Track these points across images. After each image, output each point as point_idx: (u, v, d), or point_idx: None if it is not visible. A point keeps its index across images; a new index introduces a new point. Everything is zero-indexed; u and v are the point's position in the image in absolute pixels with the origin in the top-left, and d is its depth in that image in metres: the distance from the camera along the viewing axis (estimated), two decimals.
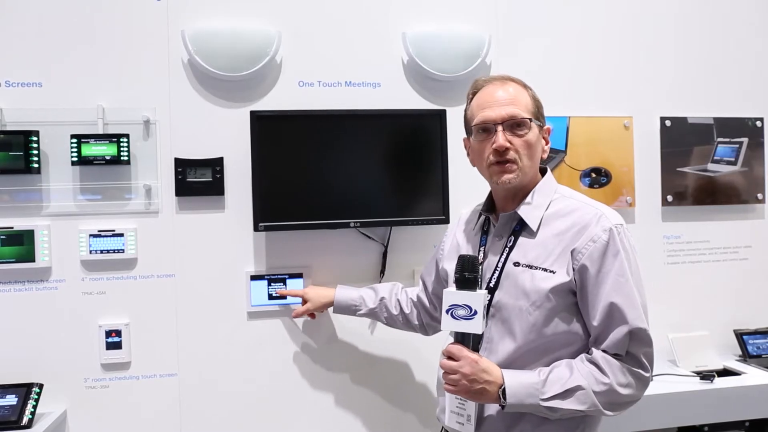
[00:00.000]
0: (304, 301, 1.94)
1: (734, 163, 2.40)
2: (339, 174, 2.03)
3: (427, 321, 1.78)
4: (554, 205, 1.36)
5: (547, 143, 1.41)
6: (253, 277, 2.05)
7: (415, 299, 1.79)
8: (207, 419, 2.03)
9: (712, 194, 2.38)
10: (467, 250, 1.46)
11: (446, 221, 2.07)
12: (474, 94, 1.42)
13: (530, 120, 1.34)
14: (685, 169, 2.36)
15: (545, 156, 1.41)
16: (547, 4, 2.26)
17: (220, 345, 2.04)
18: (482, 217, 1.47)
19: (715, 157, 2.39)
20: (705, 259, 2.39)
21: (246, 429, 2.05)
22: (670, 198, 2.35)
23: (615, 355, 1.26)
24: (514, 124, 1.33)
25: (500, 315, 1.33)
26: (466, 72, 2.12)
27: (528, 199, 1.36)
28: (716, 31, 2.40)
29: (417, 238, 2.15)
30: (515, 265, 1.33)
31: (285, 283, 2.06)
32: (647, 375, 1.27)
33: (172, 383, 2.01)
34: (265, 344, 2.06)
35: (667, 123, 2.35)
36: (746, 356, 2.32)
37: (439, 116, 2.08)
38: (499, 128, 1.32)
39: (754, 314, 2.42)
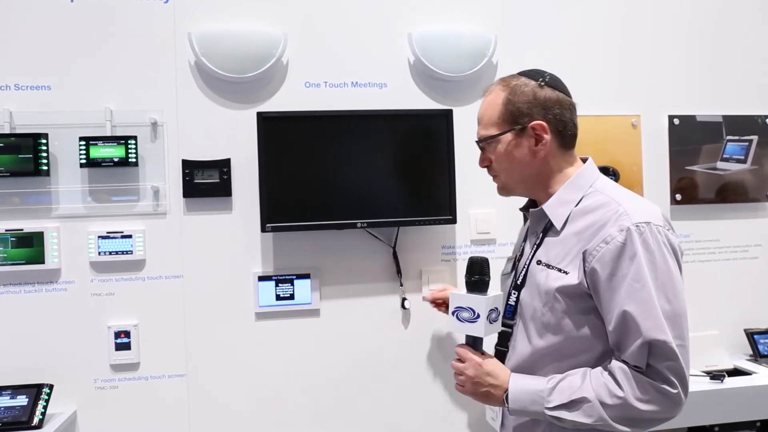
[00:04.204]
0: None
1: (744, 161, 2.37)
2: (346, 174, 2.03)
3: None
4: (585, 200, 1.26)
5: (539, 140, 1.28)
6: (261, 278, 2.06)
7: None
8: (215, 420, 2.04)
9: (722, 193, 2.36)
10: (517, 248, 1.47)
11: (453, 221, 2.06)
12: None
13: (486, 138, 1.32)
14: (694, 168, 2.34)
15: (541, 153, 1.28)
16: (553, 3, 2.25)
17: (228, 346, 2.04)
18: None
19: (725, 156, 2.37)
20: (715, 258, 2.37)
21: (254, 429, 2.06)
22: (678, 197, 2.33)
23: (636, 368, 1.15)
24: (484, 145, 1.36)
25: (522, 314, 1.30)
26: (472, 72, 2.12)
27: (555, 195, 1.30)
28: (724, 28, 2.38)
29: (424, 239, 2.14)
30: (537, 264, 1.29)
31: (293, 284, 2.07)
32: (674, 391, 1.15)
33: (181, 384, 2.02)
34: (272, 345, 2.07)
35: (676, 121, 2.33)
36: (757, 356, 2.30)
37: (446, 116, 2.08)
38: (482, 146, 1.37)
39: (765, 313, 2.39)
